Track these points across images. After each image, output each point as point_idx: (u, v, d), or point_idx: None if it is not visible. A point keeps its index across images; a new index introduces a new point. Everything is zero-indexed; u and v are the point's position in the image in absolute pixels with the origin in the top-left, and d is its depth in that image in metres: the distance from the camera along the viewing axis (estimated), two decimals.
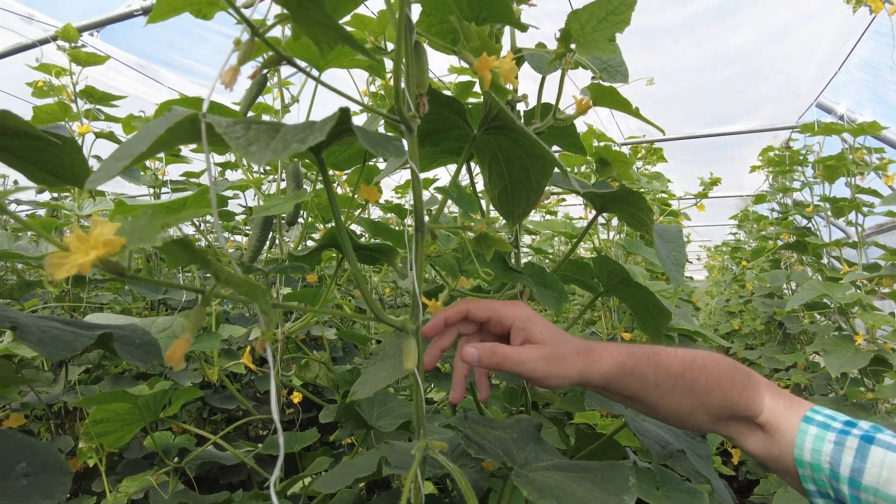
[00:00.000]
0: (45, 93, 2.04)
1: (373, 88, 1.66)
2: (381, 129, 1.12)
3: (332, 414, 1.18)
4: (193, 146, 2.25)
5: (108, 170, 0.46)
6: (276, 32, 0.91)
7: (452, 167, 0.97)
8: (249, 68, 0.55)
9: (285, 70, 1.96)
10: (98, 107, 2.06)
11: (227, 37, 3.47)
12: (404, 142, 0.67)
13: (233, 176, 2.46)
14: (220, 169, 2.56)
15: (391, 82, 0.68)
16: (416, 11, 0.92)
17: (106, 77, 2.57)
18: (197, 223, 3.32)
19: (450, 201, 0.86)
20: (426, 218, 0.63)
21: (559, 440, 1.31)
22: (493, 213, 1.01)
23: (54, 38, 1.82)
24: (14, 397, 1.64)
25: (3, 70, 2.67)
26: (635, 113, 0.82)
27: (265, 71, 1.43)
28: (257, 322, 2.30)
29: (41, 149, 0.82)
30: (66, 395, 1.69)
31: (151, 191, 2.37)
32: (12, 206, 3.27)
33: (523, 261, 1.04)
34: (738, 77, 3.34)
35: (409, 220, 2.00)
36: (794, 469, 0.64)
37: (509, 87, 0.98)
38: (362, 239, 2.02)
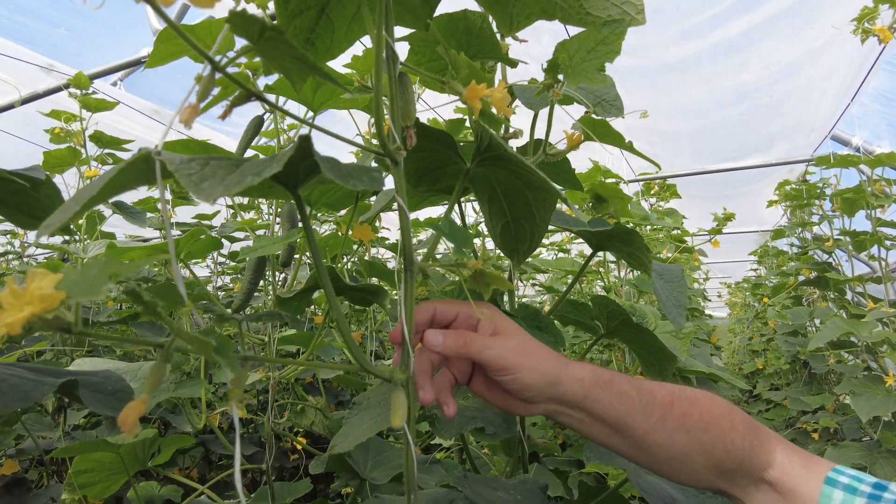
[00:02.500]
0: (62, 139, 2.09)
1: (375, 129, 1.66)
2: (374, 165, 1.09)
3: (322, 465, 1.12)
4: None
5: (60, 215, 0.43)
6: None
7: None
8: (219, 108, 0.53)
9: (291, 109, 1.98)
10: (108, 151, 2.10)
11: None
12: (387, 175, 0.64)
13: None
14: (231, 210, 2.58)
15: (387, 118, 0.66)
16: (404, 51, 0.91)
17: (117, 122, 2.63)
18: (211, 265, 3.33)
19: (446, 239, 0.83)
20: (419, 256, 0.59)
21: (563, 492, 1.23)
22: (490, 247, 0.97)
23: (66, 86, 1.87)
24: (8, 443, 1.61)
25: (24, 118, 2.76)
26: (629, 147, 0.78)
27: (264, 114, 1.43)
28: (258, 365, 2.26)
29: (20, 192, 0.81)
30: (65, 440, 1.66)
31: (160, 233, 2.38)
32: (30, 250, 3.32)
33: (525, 299, 1.00)
34: (750, 113, 3.30)
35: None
36: None
37: (504, 120, 0.96)
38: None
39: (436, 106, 2.90)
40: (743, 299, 6.33)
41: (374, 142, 1.65)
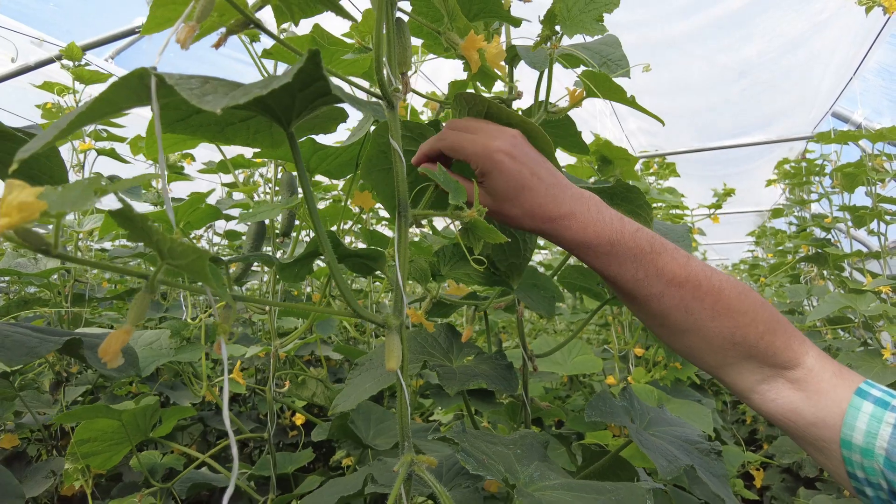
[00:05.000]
0: (54, 115, 2.06)
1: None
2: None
3: (324, 432, 1.12)
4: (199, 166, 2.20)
5: (43, 137, 0.42)
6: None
7: None
8: (215, 36, 0.51)
9: None
10: (102, 127, 2.07)
11: (240, 62, 3.51)
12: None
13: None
14: (227, 189, 2.56)
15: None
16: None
17: None
18: (206, 246, 3.30)
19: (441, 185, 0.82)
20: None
21: (567, 461, 1.23)
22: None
23: (59, 58, 1.83)
24: (7, 417, 1.60)
25: (15, 92, 2.71)
26: (631, 101, 0.77)
27: None
28: (258, 342, 2.26)
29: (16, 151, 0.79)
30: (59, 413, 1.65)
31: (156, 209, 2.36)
32: None
33: None
34: (751, 89, 3.27)
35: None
36: (836, 448, 0.55)
37: (497, 75, 0.94)
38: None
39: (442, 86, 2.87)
40: (740, 279, 6.33)
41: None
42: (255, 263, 1.72)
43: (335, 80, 0.39)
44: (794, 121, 3.66)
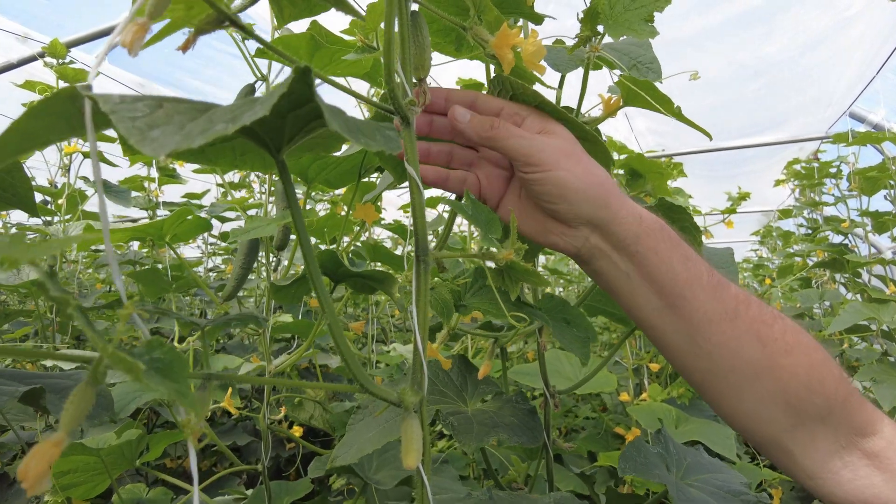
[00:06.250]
0: None
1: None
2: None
3: (322, 468, 1.03)
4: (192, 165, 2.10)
5: None
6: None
7: None
8: (181, 36, 0.41)
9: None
10: None
11: (237, 58, 3.40)
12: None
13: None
14: (222, 190, 2.46)
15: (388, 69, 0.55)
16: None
17: None
18: (202, 246, 3.21)
19: (469, 221, 0.72)
20: (431, 243, 0.49)
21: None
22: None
23: (41, 56, 1.73)
24: None
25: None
26: (677, 113, 0.67)
27: (255, 81, 1.30)
28: (255, 352, 2.16)
29: None
30: (46, 433, 1.56)
31: (147, 214, 2.26)
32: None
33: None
34: (767, 89, 3.16)
35: (410, 246, 1.85)
36: None
37: (536, 78, 0.84)
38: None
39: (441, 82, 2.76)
40: (742, 280, 6.25)
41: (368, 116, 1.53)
42: (253, 262, 1.62)
43: (328, 103, 0.30)
44: (807, 120, 3.57)
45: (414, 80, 0.49)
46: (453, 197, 0.59)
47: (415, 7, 0.51)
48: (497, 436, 0.67)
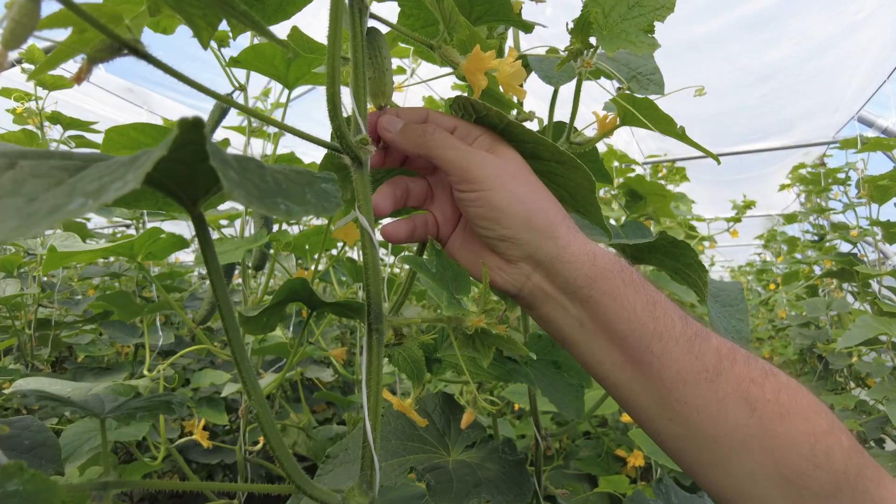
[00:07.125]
0: (25, 120, 1.90)
1: None
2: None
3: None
4: None
5: None
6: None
7: None
8: (73, 65, 0.34)
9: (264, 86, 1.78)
10: (72, 133, 1.90)
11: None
12: (342, 185, 0.45)
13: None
14: None
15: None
16: (394, 14, 0.72)
17: (83, 102, 2.41)
18: (196, 253, 3.14)
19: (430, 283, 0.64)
20: (386, 309, 0.41)
21: None
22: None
23: (19, 62, 1.66)
24: None
25: None
26: (680, 135, 0.60)
27: (232, 92, 1.23)
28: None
29: None
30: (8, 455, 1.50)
31: (133, 223, 2.20)
32: None
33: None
34: (773, 95, 3.08)
35: (393, 258, 1.75)
36: None
37: (514, 104, 0.77)
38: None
39: (430, 79, 2.69)
40: (746, 284, 6.17)
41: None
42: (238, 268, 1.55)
43: (240, 155, 0.23)
44: (813, 125, 3.49)
45: (375, 108, 0.42)
46: (415, 247, 0.51)
47: (374, 23, 0.44)
48: (478, 495, 0.59)
